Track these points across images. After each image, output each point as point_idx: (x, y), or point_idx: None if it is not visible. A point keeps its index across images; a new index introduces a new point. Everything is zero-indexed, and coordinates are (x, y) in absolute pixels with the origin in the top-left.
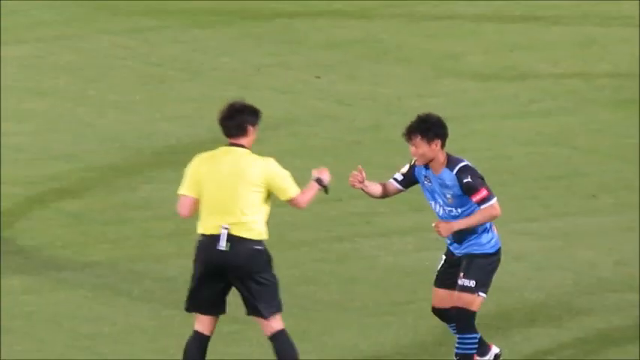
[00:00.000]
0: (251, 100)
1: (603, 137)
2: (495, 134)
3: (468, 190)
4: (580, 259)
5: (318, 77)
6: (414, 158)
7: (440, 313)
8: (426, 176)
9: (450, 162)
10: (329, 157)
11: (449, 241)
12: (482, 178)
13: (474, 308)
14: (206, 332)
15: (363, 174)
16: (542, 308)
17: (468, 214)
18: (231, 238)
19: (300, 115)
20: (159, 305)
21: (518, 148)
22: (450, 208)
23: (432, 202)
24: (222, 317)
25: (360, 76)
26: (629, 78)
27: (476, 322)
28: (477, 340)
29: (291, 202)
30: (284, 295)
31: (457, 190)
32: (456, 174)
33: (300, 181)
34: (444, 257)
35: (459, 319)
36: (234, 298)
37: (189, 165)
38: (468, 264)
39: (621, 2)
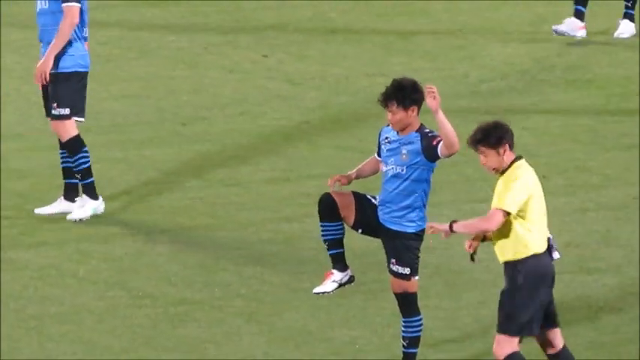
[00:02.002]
0: (199, 79)
1: (554, 118)
2: (446, 114)
3: (432, 137)
4: None
5: (266, 56)
6: (391, 124)
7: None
8: (386, 137)
9: (422, 127)
10: (277, 137)
11: (381, 203)
12: None
13: (413, 290)
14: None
15: (345, 179)
16: (492, 288)
17: (414, 177)
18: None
19: (249, 95)
20: (105, 286)
21: (469, 128)
22: (400, 167)
23: (384, 165)
24: (169, 298)
25: (309, 55)
26: (580, 58)
27: (424, 302)
28: (422, 322)
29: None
30: (232, 277)
31: (416, 147)
32: (421, 133)
33: (248, 160)
34: None
35: (403, 304)
36: (182, 279)
37: (521, 180)
38: (397, 247)
39: None
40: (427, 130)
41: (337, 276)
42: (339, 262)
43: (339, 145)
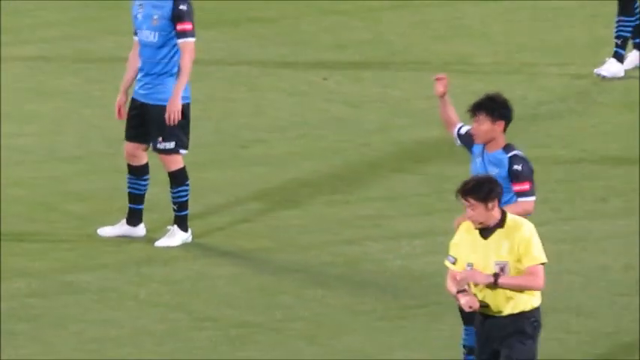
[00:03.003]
0: (258, 101)
1: (613, 140)
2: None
3: (514, 177)
4: (589, 263)
5: (326, 79)
6: (475, 135)
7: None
8: (479, 152)
9: (508, 147)
10: (337, 160)
11: None
12: (532, 173)
13: None
14: None
15: (445, 80)
16: (551, 312)
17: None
18: None
19: (308, 117)
20: (165, 309)
21: (527, 150)
22: None
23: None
24: (230, 321)
25: (368, 77)
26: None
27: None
28: None
29: None
30: (293, 299)
31: (503, 172)
32: (510, 157)
33: (308, 182)
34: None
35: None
36: (242, 302)
37: (535, 233)
38: None
39: None
40: (514, 154)
41: None
42: None
43: (398, 167)
